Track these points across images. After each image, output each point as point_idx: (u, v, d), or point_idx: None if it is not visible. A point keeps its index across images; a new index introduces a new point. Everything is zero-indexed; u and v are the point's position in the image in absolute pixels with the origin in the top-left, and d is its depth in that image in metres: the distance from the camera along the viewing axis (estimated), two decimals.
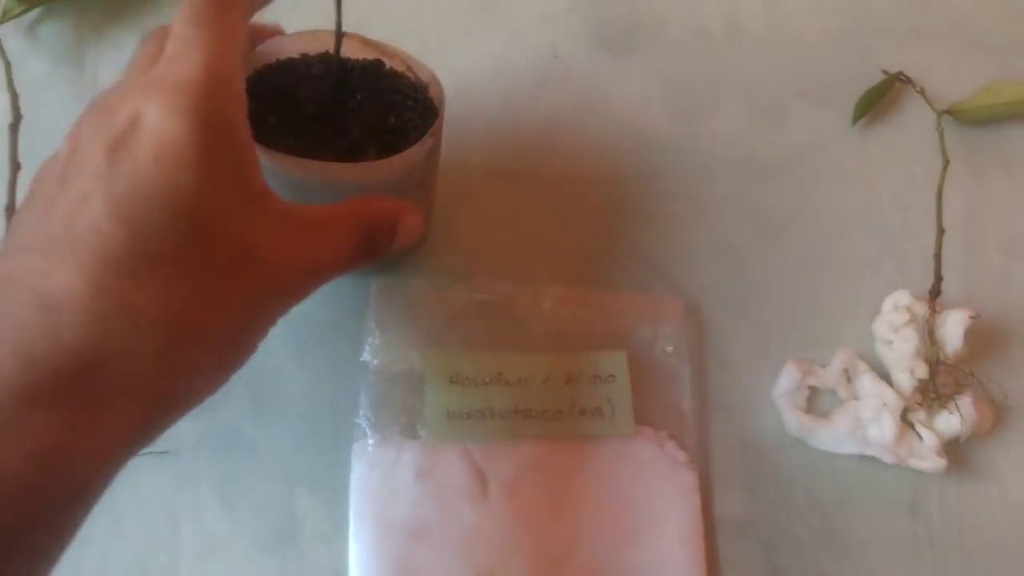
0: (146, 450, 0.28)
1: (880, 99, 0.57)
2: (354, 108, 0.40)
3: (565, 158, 0.53)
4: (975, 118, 0.56)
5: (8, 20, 0.52)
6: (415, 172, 0.40)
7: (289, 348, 0.46)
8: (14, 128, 0.47)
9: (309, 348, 0.46)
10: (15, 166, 0.45)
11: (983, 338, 0.48)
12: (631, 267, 0.51)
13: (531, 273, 0.49)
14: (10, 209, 0.45)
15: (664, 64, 0.57)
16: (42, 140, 0.39)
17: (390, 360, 0.46)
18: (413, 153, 0.38)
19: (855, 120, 0.57)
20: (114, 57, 0.54)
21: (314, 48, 0.41)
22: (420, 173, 0.41)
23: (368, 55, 0.42)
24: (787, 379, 0.47)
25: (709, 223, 0.52)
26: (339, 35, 0.39)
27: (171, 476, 0.43)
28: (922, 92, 0.57)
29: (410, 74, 0.42)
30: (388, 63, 0.42)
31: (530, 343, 0.47)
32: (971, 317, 0.46)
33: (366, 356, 0.46)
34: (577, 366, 0.46)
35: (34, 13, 0.54)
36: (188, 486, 0.43)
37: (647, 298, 0.49)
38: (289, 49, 0.41)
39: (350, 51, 0.41)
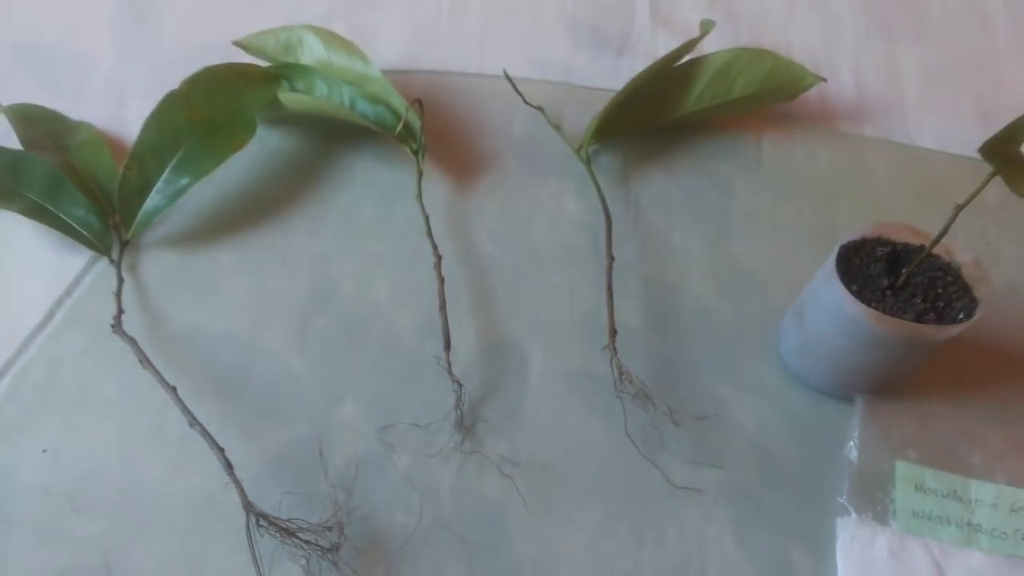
0: (683, 484, 0.39)
1: None
2: (909, 282, 0.53)
3: (1001, 326, 0.64)
4: None
5: (584, 148, 0.69)
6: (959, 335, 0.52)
7: (785, 431, 0.59)
8: (608, 230, 0.62)
9: (800, 435, 0.58)
10: (611, 258, 0.60)
11: None
12: None
13: (976, 414, 0.60)
14: (608, 288, 0.60)
15: None
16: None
17: (867, 460, 0.57)
18: (971, 321, 0.51)
19: None
20: (650, 187, 0.70)
21: (872, 233, 0.55)
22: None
23: (913, 239, 0.55)
24: None
25: None
26: (934, 242, 0.52)
27: (700, 511, 0.55)
28: None
29: (947, 256, 0.54)
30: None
31: (977, 471, 0.57)
32: None
33: (850, 454, 0.57)
34: (1021, 500, 0.55)
35: (596, 146, 0.71)
36: (713, 522, 0.55)
37: None
38: (856, 234, 0.56)
39: (899, 235, 0.55)
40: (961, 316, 0.53)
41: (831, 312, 0.55)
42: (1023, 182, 0.40)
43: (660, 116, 0.72)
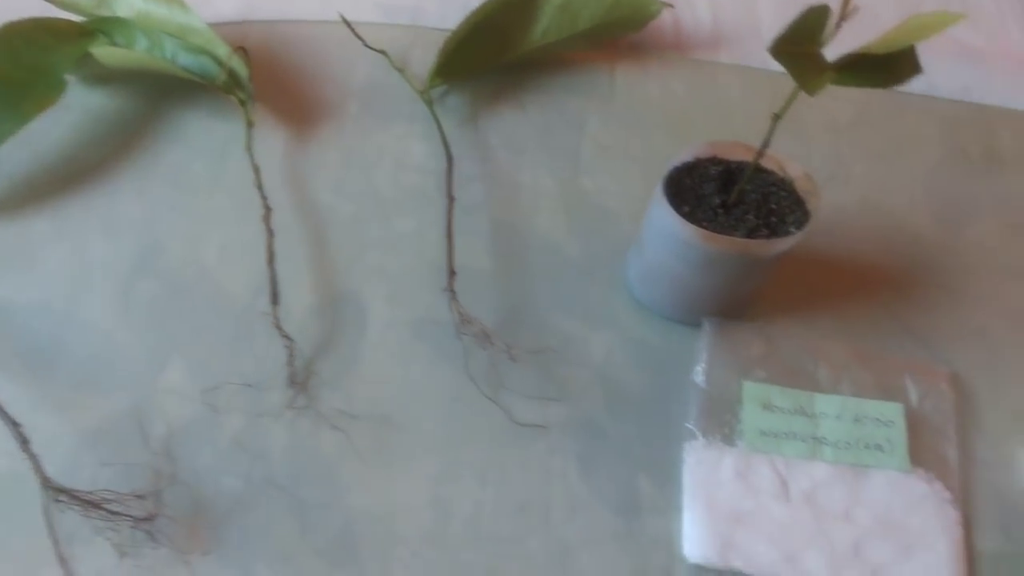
0: (527, 422, 0.38)
1: None
2: (743, 199, 0.51)
3: (851, 244, 0.63)
4: None
5: (430, 89, 0.66)
6: (792, 249, 0.51)
7: (633, 361, 0.57)
8: (449, 170, 0.60)
9: (649, 364, 0.57)
10: (451, 197, 0.58)
11: None
12: (903, 338, 0.60)
13: (823, 331, 0.59)
14: (448, 229, 0.57)
15: (930, 178, 0.67)
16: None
17: (714, 383, 0.56)
18: (802, 233, 0.49)
19: None
20: (499, 126, 0.67)
21: (706, 153, 0.53)
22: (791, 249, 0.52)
23: (748, 157, 0.53)
24: None
25: (968, 311, 0.61)
26: (758, 155, 0.50)
27: (545, 446, 0.53)
28: None
29: (780, 170, 0.53)
30: (763, 163, 0.53)
31: (823, 386, 0.56)
32: None
33: (696, 378, 0.56)
34: (863, 410, 0.55)
35: (443, 88, 0.68)
36: (558, 456, 0.53)
37: (917, 363, 0.58)
38: (688, 155, 0.55)
39: (733, 154, 0.53)
40: (792, 230, 0.51)
41: (664, 236, 0.53)
42: (814, 81, 0.38)
43: (506, 52, 0.70)
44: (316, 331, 0.57)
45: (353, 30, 0.68)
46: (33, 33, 0.60)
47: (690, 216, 0.51)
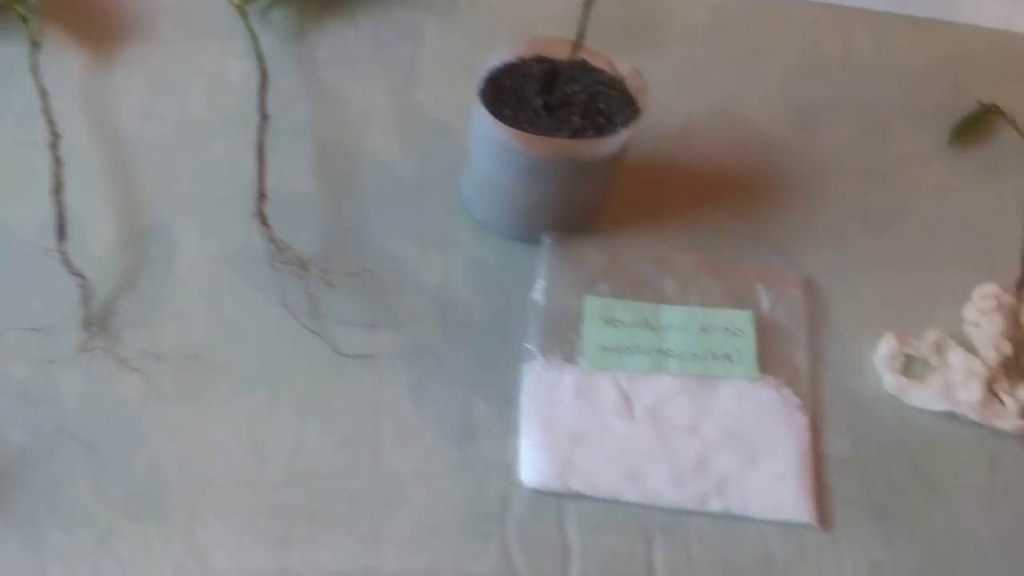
0: (353, 352, 0.34)
1: (975, 126, 0.63)
2: (569, 100, 0.48)
3: (704, 152, 0.60)
4: None
5: (250, 3, 0.60)
6: (623, 149, 0.48)
7: (471, 284, 0.54)
8: (263, 87, 0.55)
9: (488, 285, 0.54)
10: (264, 116, 0.53)
11: None
12: (755, 244, 0.57)
13: (672, 242, 0.56)
14: (259, 148, 0.52)
15: (786, 82, 0.64)
16: (272, 100, 0.54)
17: (555, 300, 0.53)
18: (629, 131, 0.46)
19: (951, 142, 0.63)
20: (329, 40, 0.63)
21: (529, 52, 0.49)
22: (623, 151, 0.49)
23: (575, 55, 0.50)
24: (887, 346, 0.53)
25: (823, 215, 0.59)
26: (578, 41, 0.47)
27: (373, 377, 0.50)
28: (1013, 122, 0.62)
29: (610, 69, 0.49)
30: (591, 61, 0.49)
31: (670, 298, 0.53)
32: None
33: (536, 295, 0.53)
34: (711, 319, 0.53)
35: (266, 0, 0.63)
36: (388, 386, 0.50)
37: (769, 270, 0.56)
38: (509, 54, 0.51)
39: (559, 53, 0.49)
40: (620, 128, 0.48)
41: (487, 143, 0.50)
42: None
43: None
44: (119, 267, 0.52)
45: None
46: None
47: (511, 119, 0.48)
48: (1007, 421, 0.51)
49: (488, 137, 0.48)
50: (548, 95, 0.49)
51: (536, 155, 0.47)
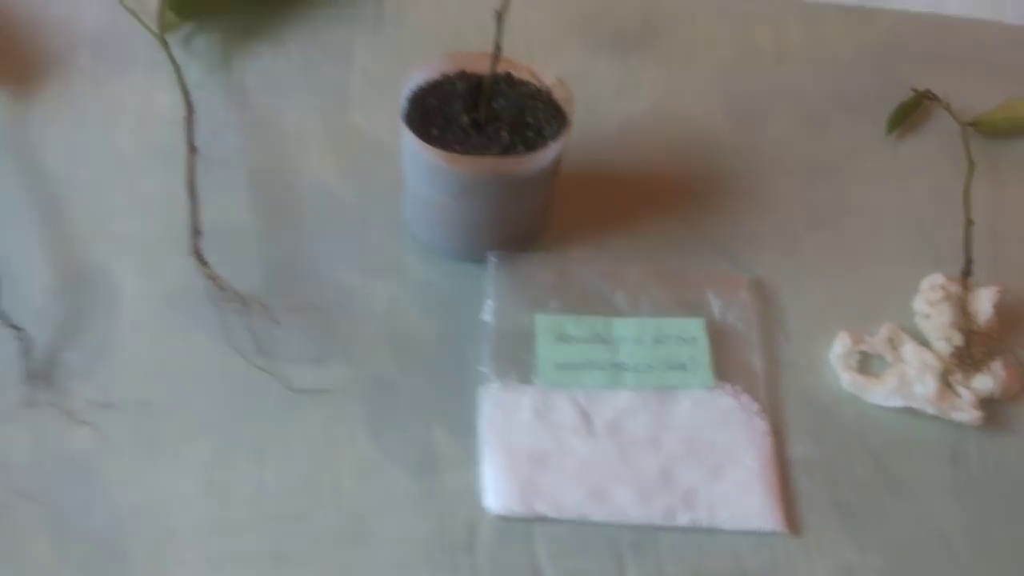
0: (305, 387, 0.37)
1: (911, 113, 0.68)
2: (497, 115, 0.51)
3: (644, 157, 0.64)
4: (995, 130, 0.67)
5: (168, 32, 0.63)
6: (556, 162, 0.51)
7: (420, 309, 0.57)
8: (188, 119, 0.57)
9: (437, 309, 0.57)
10: (192, 149, 0.56)
11: (1009, 317, 0.58)
12: (702, 249, 0.61)
13: (619, 253, 0.60)
14: (190, 184, 0.55)
15: (722, 79, 0.68)
16: (201, 132, 0.55)
17: (505, 320, 0.56)
18: (559, 144, 0.49)
19: (889, 131, 0.68)
20: (257, 66, 0.65)
21: (451, 68, 0.52)
22: (557, 163, 0.52)
23: (498, 69, 0.53)
24: (841, 345, 0.57)
25: (768, 214, 0.63)
26: (496, 55, 0.50)
27: (329, 412, 0.52)
28: (948, 107, 0.67)
29: (535, 80, 0.52)
30: (516, 74, 0.53)
31: (622, 310, 0.57)
32: (999, 292, 0.56)
33: (486, 316, 0.56)
34: (663, 329, 0.57)
35: (189, 27, 0.65)
36: (343, 420, 0.52)
37: (718, 274, 0.60)
38: (431, 72, 0.53)
39: (482, 67, 0.52)
40: (550, 142, 0.51)
41: (417, 165, 0.52)
42: None
43: None
44: (58, 316, 0.54)
45: None
46: None
47: (439, 140, 0.50)
48: (964, 413, 0.55)
49: (418, 159, 0.51)
50: (475, 112, 0.51)
51: (467, 175, 0.50)
